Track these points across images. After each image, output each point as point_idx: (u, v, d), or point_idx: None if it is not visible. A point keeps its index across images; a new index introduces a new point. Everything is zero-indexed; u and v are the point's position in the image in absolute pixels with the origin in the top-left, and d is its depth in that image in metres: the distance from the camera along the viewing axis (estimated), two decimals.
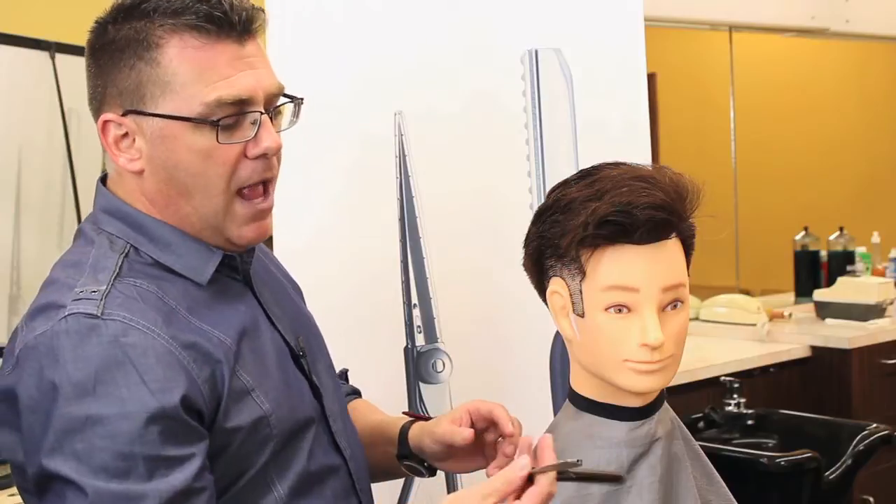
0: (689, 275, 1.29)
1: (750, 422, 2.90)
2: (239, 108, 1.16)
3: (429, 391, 2.05)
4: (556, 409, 1.81)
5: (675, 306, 1.26)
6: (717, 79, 4.37)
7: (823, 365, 3.38)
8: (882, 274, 4.17)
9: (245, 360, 1.19)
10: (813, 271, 4.27)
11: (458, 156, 2.08)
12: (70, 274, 1.16)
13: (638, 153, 2.07)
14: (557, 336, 1.80)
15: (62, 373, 1.07)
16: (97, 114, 1.19)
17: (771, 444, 2.85)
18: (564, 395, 1.39)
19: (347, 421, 1.37)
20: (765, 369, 3.29)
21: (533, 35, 2.11)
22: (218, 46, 1.16)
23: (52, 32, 2.67)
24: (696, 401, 2.98)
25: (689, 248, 1.30)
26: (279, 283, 1.39)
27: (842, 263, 4.24)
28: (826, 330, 3.54)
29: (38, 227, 2.76)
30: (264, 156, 1.19)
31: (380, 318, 2.04)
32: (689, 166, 1.35)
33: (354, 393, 1.57)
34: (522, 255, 1.34)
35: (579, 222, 1.22)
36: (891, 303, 3.59)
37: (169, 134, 1.15)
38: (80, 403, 1.07)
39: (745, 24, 4.21)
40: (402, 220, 2.05)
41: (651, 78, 2.69)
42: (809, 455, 2.46)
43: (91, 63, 1.20)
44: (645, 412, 1.30)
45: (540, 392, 1.95)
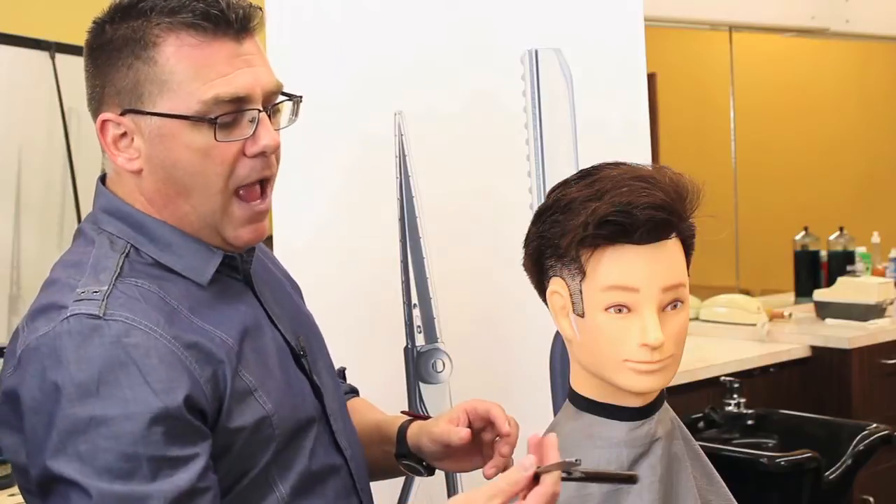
0: (689, 275, 1.29)
1: (750, 422, 2.90)
2: (237, 106, 1.16)
3: (429, 391, 2.05)
4: (556, 409, 1.80)
5: (675, 306, 1.26)
6: (717, 79, 4.37)
7: (823, 365, 3.38)
8: (882, 274, 4.16)
9: (247, 361, 1.19)
10: (813, 271, 4.27)
11: (458, 156, 2.08)
12: (71, 274, 1.15)
13: (638, 153, 2.07)
14: (557, 336, 1.80)
15: (65, 374, 1.07)
16: (96, 114, 1.19)
17: (771, 444, 2.85)
18: (564, 395, 1.39)
19: (347, 420, 1.37)
20: (765, 369, 3.29)
21: (533, 35, 2.11)
22: (215, 44, 1.15)
23: (52, 32, 2.67)
24: (696, 401, 2.98)
25: (689, 248, 1.30)
26: (279, 282, 1.39)
27: (842, 263, 4.24)
28: (826, 330, 3.54)
29: (38, 227, 2.76)
30: (263, 154, 1.18)
31: (380, 318, 2.04)
32: (689, 166, 1.35)
33: (352, 391, 1.57)
34: (522, 255, 1.34)
35: (579, 222, 1.22)
36: (891, 303, 3.59)
37: (167, 133, 1.15)
38: (83, 404, 1.06)
39: (745, 24, 4.20)
40: (402, 220, 2.05)
41: (651, 78, 2.69)
42: (809, 455, 2.46)
43: (89, 63, 1.20)
44: (645, 412, 1.30)
45: (540, 392, 1.95)
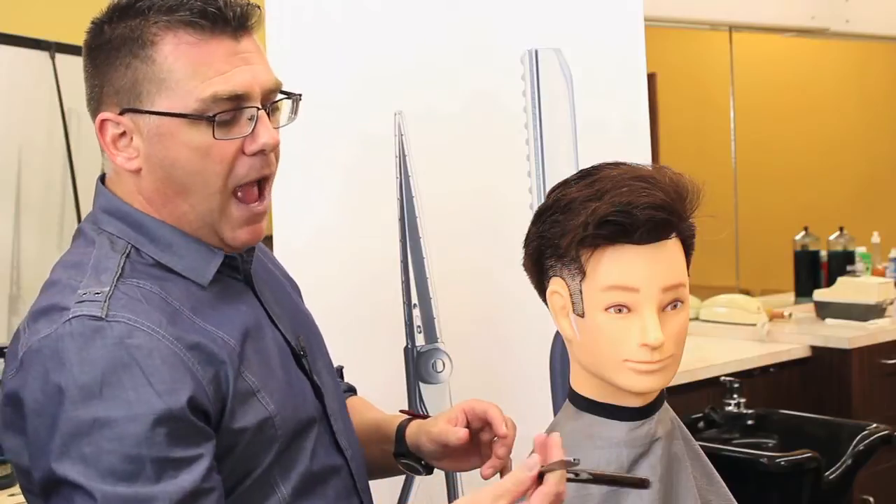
0: (689, 275, 1.29)
1: (750, 422, 2.90)
2: (235, 104, 1.15)
3: (429, 391, 2.05)
4: (556, 409, 1.80)
5: (675, 306, 1.26)
6: (717, 79, 4.37)
7: (823, 365, 3.38)
8: (882, 274, 4.16)
9: (250, 362, 1.18)
10: (813, 271, 4.27)
11: (458, 156, 2.08)
12: (72, 275, 1.15)
13: (638, 153, 2.07)
14: (557, 336, 1.80)
15: (68, 376, 1.06)
16: (95, 114, 1.19)
17: (771, 444, 2.85)
18: (564, 395, 1.39)
19: (347, 420, 1.37)
20: (765, 369, 3.29)
21: (533, 35, 2.11)
22: (213, 42, 1.15)
23: (52, 32, 2.67)
24: (696, 401, 2.98)
25: (689, 248, 1.30)
26: (278, 281, 1.39)
27: (842, 263, 4.24)
28: (826, 330, 3.54)
29: (38, 227, 2.76)
30: (262, 152, 1.18)
31: (380, 318, 2.04)
32: (689, 166, 1.35)
33: (350, 390, 1.57)
34: (522, 255, 1.34)
35: (579, 222, 1.22)
36: (891, 303, 3.59)
37: (166, 131, 1.15)
38: (86, 406, 1.06)
39: (745, 24, 4.20)
40: (402, 220, 2.05)
41: (651, 78, 2.69)
42: (809, 455, 2.45)
43: (88, 63, 1.19)
44: (645, 412, 1.30)
45: (540, 392, 1.95)
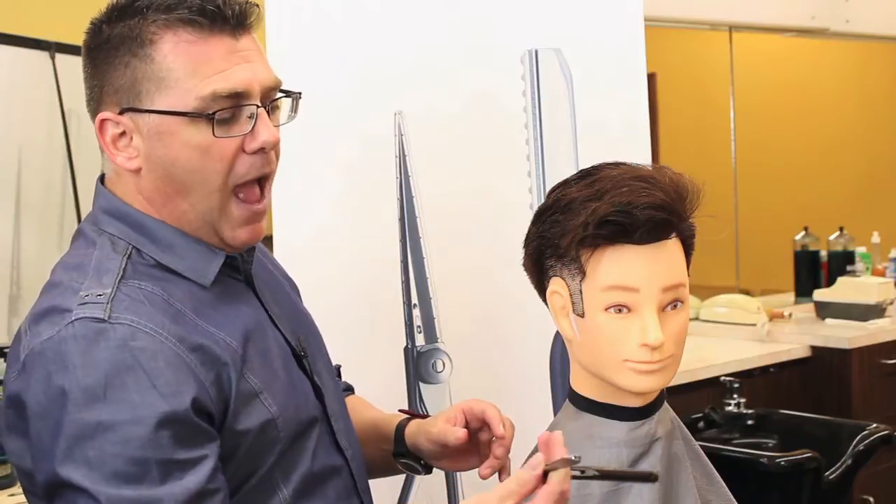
0: (689, 275, 1.29)
1: (750, 422, 2.90)
2: (235, 102, 1.15)
3: (429, 391, 2.05)
4: (556, 409, 1.80)
5: (675, 306, 1.26)
6: (717, 79, 4.36)
7: (823, 365, 3.38)
8: (882, 274, 4.16)
9: (252, 363, 1.18)
10: (813, 271, 4.27)
11: (458, 156, 2.07)
12: (73, 277, 1.14)
13: (638, 153, 2.07)
14: (557, 336, 1.80)
15: (71, 379, 1.06)
16: (94, 114, 1.18)
17: (771, 444, 2.85)
18: (564, 395, 1.39)
19: (347, 420, 1.36)
20: (765, 369, 3.29)
21: (533, 35, 2.11)
22: (212, 40, 1.15)
23: (52, 32, 2.67)
24: (696, 401, 2.98)
25: (689, 248, 1.30)
26: (278, 281, 1.39)
27: (842, 263, 4.24)
28: (826, 330, 3.54)
29: (38, 227, 2.76)
30: (262, 150, 1.18)
31: (380, 318, 2.04)
32: (689, 166, 1.35)
33: (347, 389, 1.57)
34: (522, 255, 1.34)
35: (579, 222, 1.22)
36: (891, 303, 3.59)
37: (165, 130, 1.15)
38: (90, 409, 1.05)
39: (745, 24, 4.20)
40: (402, 220, 2.05)
41: (651, 78, 2.69)
42: (809, 455, 2.45)
43: (87, 63, 1.19)
44: (645, 412, 1.30)
45: (540, 392, 1.95)
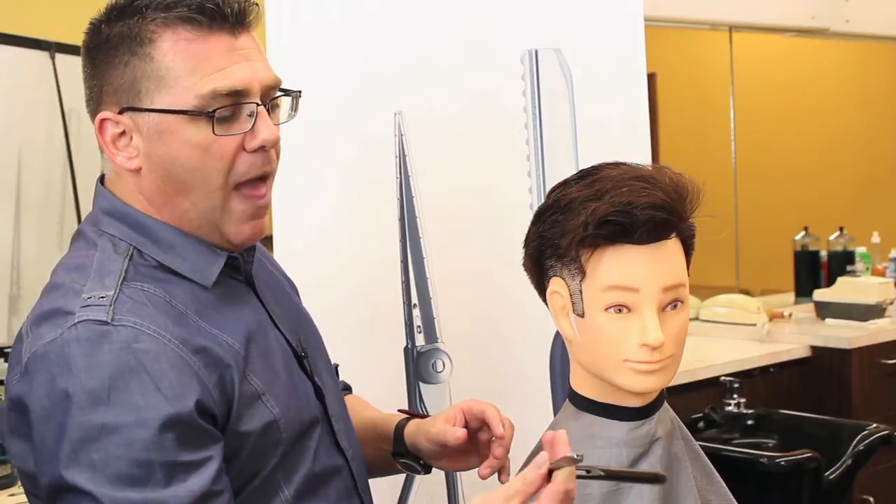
0: (689, 275, 1.29)
1: (750, 422, 2.90)
2: (234, 100, 1.15)
3: (429, 391, 2.05)
4: (556, 409, 1.80)
5: (675, 306, 1.26)
6: (717, 79, 4.37)
7: (823, 365, 3.38)
8: (882, 274, 4.16)
9: (254, 365, 1.18)
10: (813, 271, 4.27)
11: (458, 156, 2.07)
12: (75, 278, 1.14)
13: (638, 153, 2.07)
14: (557, 336, 1.80)
15: (75, 381, 1.05)
16: (94, 114, 1.18)
17: (771, 444, 2.85)
18: (564, 395, 1.39)
19: (347, 420, 1.36)
20: (765, 369, 3.29)
21: (533, 35, 2.11)
22: (211, 38, 1.15)
23: (52, 32, 2.68)
24: (696, 401, 2.98)
25: (689, 248, 1.30)
26: (278, 281, 1.39)
27: (842, 263, 4.24)
28: (826, 330, 3.54)
29: (38, 227, 2.76)
30: (262, 148, 1.17)
31: (380, 318, 2.04)
32: (689, 166, 1.35)
33: (345, 389, 1.56)
34: (522, 255, 1.34)
35: (579, 222, 1.22)
36: (891, 303, 3.59)
37: (165, 129, 1.14)
38: (94, 412, 1.05)
39: (745, 24, 4.20)
40: (402, 220, 2.05)
41: (651, 78, 2.69)
42: (809, 455, 2.45)
43: (87, 63, 1.19)
44: (645, 412, 1.30)
45: (540, 392, 1.95)
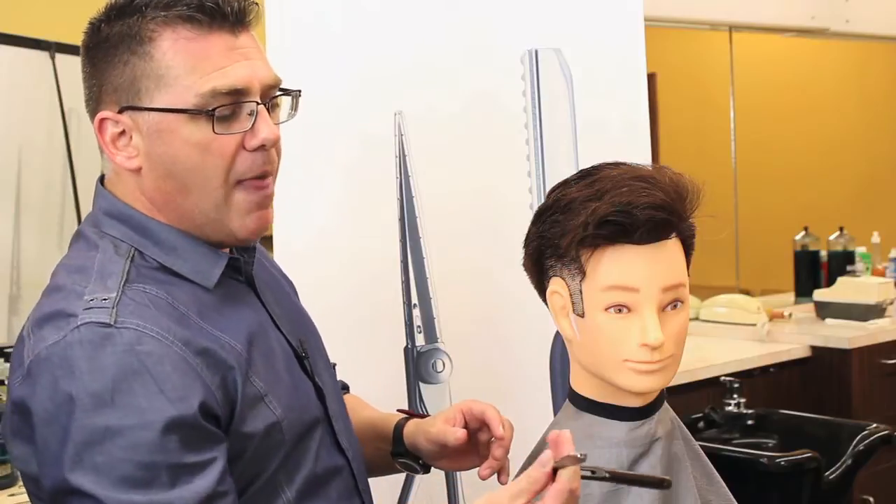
0: (689, 275, 1.29)
1: (750, 422, 2.90)
2: (234, 99, 1.15)
3: (429, 391, 2.05)
4: (556, 409, 1.80)
5: (675, 306, 1.26)
6: (717, 79, 4.37)
7: (823, 365, 3.38)
8: (882, 274, 4.16)
9: (257, 366, 1.18)
10: (813, 271, 4.27)
11: (458, 156, 2.07)
12: (76, 280, 1.13)
13: (638, 153, 2.07)
14: (557, 336, 1.80)
15: (79, 384, 1.05)
16: (93, 114, 1.18)
17: (771, 444, 2.85)
18: (564, 395, 1.39)
19: (347, 420, 1.36)
20: (765, 369, 3.29)
21: (533, 35, 2.11)
22: (211, 37, 1.14)
23: (52, 32, 2.68)
24: (696, 401, 2.98)
25: (689, 248, 1.30)
26: (278, 282, 1.39)
27: (842, 263, 4.24)
28: (826, 330, 3.54)
29: (38, 227, 2.76)
30: (262, 147, 1.17)
31: (380, 318, 2.04)
32: (689, 166, 1.35)
33: (343, 388, 1.56)
34: (522, 255, 1.34)
35: (579, 222, 1.22)
36: (891, 303, 3.59)
37: (165, 128, 1.14)
38: (98, 415, 1.05)
39: (745, 24, 4.20)
40: (402, 220, 2.05)
41: (651, 78, 2.69)
42: (809, 455, 2.45)
43: (86, 63, 1.19)
44: (645, 412, 1.30)
45: (540, 392, 1.95)
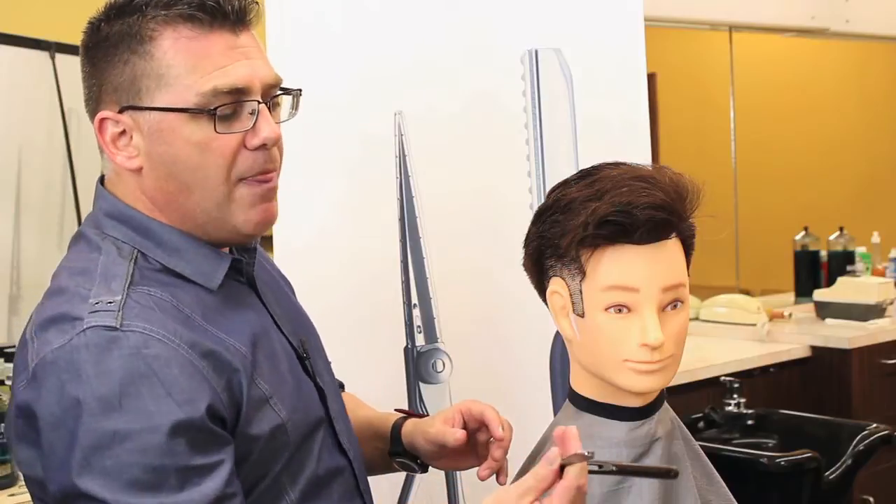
0: (689, 275, 1.29)
1: (750, 422, 2.90)
2: (235, 98, 1.14)
3: (429, 391, 2.05)
4: (556, 409, 1.81)
5: (675, 306, 1.26)
6: (717, 79, 4.37)
7: (823, 365, 3.38)
8: (882, 274, 4.16)
9: (262, 369, 1.17)
10: (813, 271, 4.27)
11: (458, 156, 2.07)
12: (80, 282, 1.13)
13: (638, 153, 2.07)
14: (557, 336, 1.80)
15: (86, 388, 1.05)
16: (93, 114, 1.17)
17: (771, 444, 2.85)
18: (564, 395, 1.39)
19: (347, 420, 1.36)
20: (765, 369, 3.29)
21: (533, 35, 2.11)
22: (212, 36, 1.14)
23: (52, 32, 2.68)
24: (696, 401, 2.98)
25: (689, 248, 1.30)
26: (276, 282, 1.38)
27: (842, 263, 4.24)
28: (826, 330, 3.54)
29: (38, 227, 2.76)
30: (264, 146, 1.17)
31: (380, 318, 2.04)
32: (689, 166, 1.35)
33: (339, 387, 1.56)
34: (522, 255, 1.34)
35: (579, 222, 1.22)
36: (891, 303, 3.59)
37: (166, 127, 1.14)
38: (106, 418, 1.04)
39: (745, 24, 4.20)
40: (402, 220, 2.04)
41: (651, 78, 2.69)
42: (809, 455, 2.45)
43: (86, 62, 1.18)
44: (645, 412, 1.30)
45: (540, 392, 1.95)
